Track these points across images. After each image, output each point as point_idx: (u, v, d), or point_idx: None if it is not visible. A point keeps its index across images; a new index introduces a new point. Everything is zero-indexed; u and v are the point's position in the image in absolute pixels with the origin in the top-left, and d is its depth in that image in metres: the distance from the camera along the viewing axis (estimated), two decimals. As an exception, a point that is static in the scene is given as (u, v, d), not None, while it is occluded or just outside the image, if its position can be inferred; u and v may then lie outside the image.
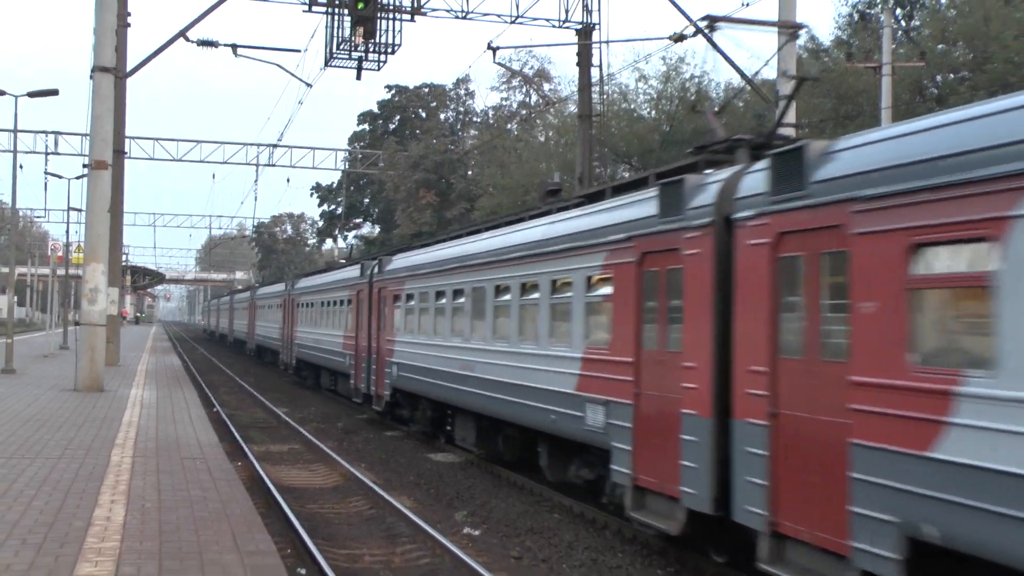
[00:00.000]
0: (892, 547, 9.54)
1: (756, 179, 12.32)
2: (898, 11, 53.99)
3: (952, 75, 46.00)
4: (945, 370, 9.20)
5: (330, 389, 42.32)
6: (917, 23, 53.30)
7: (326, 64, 38.40)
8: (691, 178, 13.81)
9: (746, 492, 11.80)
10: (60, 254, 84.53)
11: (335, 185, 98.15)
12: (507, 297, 19.96)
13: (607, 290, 15.53)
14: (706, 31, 29.70)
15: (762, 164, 12.39)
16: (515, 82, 76.26)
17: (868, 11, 55.64)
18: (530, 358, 18.49)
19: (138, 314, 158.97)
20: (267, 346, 63.39)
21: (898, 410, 9.58)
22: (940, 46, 46.41)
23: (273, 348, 59.97)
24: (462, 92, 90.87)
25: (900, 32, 50.40)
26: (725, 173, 13.36)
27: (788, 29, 28.73)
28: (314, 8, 37.65)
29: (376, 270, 31.41)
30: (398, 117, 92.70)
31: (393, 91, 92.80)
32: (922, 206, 9.47)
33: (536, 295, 18.45)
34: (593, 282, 16.05)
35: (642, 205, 14.97)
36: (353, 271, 36.30)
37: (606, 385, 15.24)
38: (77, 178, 57.93)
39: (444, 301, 24.02)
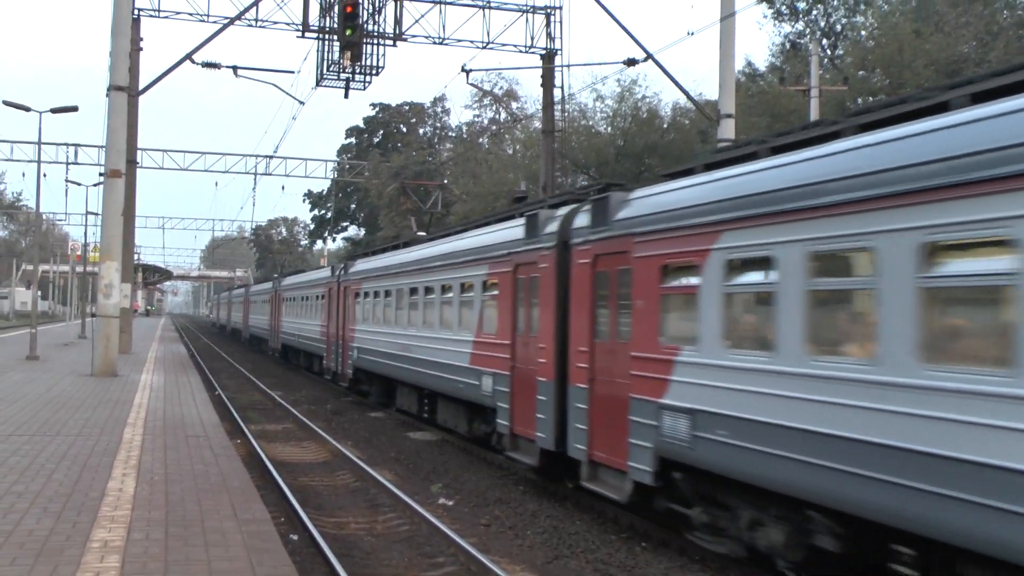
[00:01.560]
0: None
1: None
2: (824, 41, 54.39)
3: (871, 98, 46.28)
4: None
5: (422, 417, 25.57)
6: (841, 52, 53.67)
7: (317, 84, 38.43)
8: None
9: None
10: (79, 253, 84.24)
11: (325, 192, 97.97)
12: None
13: None
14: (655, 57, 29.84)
15: None
16: (486, 101, 76.11)
17: (798, 41, 55.93)
18: None
19: (148, 307, 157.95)
20: (300, 347, 46.38)
21: None
22: (860, 72, 46.84)
23: (311, 351, 43.05)
24: (439, 110, 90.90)
25: (826, 60, 50.72)
26: None
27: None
28: (307, 34, 37.75)
29: (587, 221, 15.23)
30: (381, 131, 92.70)
31: (377, 108, 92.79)
32: None
33: None
34: None
35: None
36: (507, 231, 18.98)
37: None
38: (94, 185, 57.60)
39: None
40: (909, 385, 8.80)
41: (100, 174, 40.22)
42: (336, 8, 36.67)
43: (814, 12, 56.35)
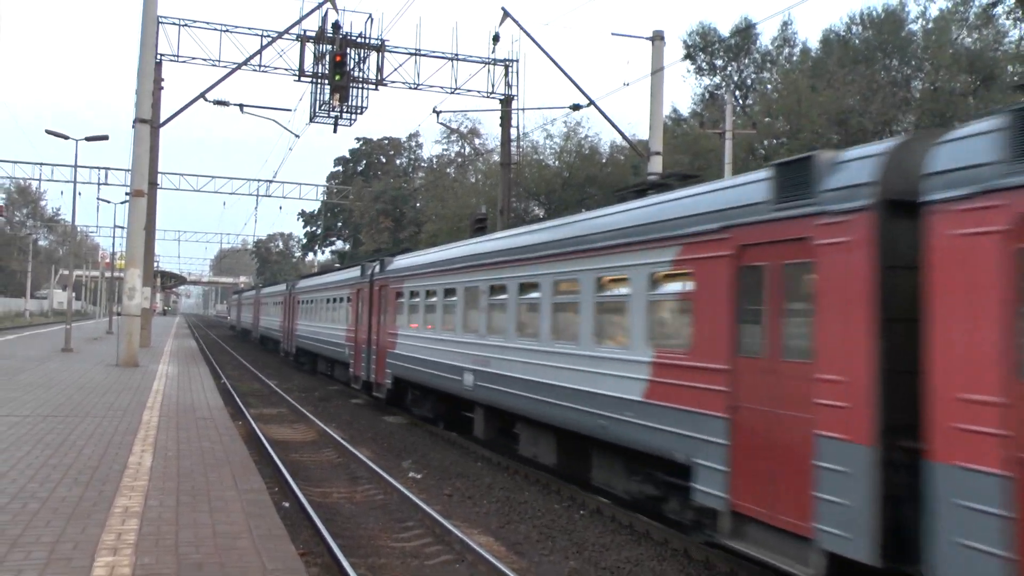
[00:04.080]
0: None
1: None
2: (737, 93, 54.94)
3: (775, 140, 46.80)
4: None
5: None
6: (751, 102, 54.23)
7: (310, 120, 38.39)
8: None
9: None
10: (107, 261, 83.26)
11: (316, 212, 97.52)
12: None
13: None
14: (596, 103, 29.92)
15: None
16: (453, 137, 76.08)
17: (716, 91, 56.45)
18: None
19: (165, 308, 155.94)
20: (482, 400, 17.54)
21: None
22: (767, 119, 47.29)
23: (515, 410, 15.61)
24: (413, 144, 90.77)
25: (739, 108, 51.21)
26: None
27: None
28: (302, 78, 37.82)
29: None
30: (364, 161, 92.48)
31: (361, 142, 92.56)
32: None
33: None
34: None
35: None
36: None
37: None
38: (121, 203, 56.95)
39: None
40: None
41: (126, 194, 39.80)
42: (327, 57, 36.77)
43: (729, 68, 57.14)
